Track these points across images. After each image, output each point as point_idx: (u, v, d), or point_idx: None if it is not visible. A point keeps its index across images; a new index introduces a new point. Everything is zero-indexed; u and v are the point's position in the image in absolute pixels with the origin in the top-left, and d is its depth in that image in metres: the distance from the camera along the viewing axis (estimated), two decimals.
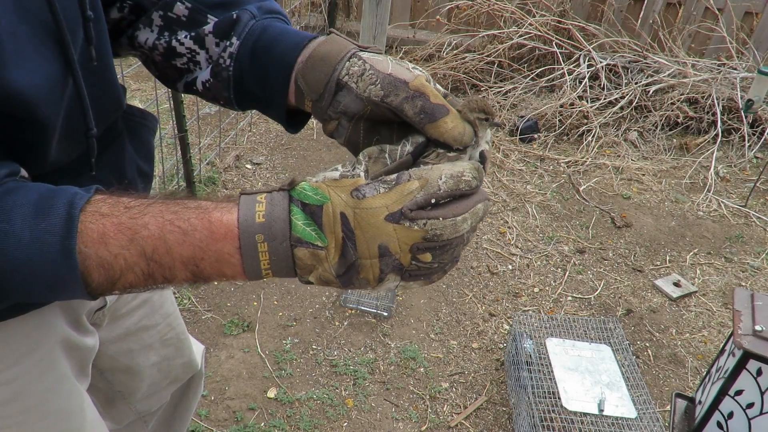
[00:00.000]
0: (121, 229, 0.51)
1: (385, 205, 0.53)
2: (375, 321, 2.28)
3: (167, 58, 0.70)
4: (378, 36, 2.23)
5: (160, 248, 0.52)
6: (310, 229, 0.53)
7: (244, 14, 0.67)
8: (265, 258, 0.54)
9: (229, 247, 0.53)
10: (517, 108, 3.86)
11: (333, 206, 0.53)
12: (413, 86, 0.59)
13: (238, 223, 0.53)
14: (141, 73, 3.88)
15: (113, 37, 0.74)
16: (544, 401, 1.78)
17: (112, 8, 0.70)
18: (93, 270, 0.51)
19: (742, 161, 3.63)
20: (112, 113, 0.71)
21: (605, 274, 2.66)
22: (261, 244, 0.53)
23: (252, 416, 1.87)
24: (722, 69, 3.89)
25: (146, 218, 0.52)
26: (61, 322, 0.74)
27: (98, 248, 0.51)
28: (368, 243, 0.53)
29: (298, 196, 0.54)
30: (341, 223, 0.53)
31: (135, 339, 0.95)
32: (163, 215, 0.53)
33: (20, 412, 0.71)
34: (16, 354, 0.69)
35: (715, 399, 1.37)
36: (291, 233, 0.53)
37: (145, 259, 0.52)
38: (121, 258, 0.52)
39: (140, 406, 1.05)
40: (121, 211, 0.52)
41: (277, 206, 0.54)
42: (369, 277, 0.55)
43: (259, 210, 0.53)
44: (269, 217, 0.53)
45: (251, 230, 0.53)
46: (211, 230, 0.53)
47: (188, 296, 2.29)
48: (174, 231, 0.52)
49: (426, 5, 4.46)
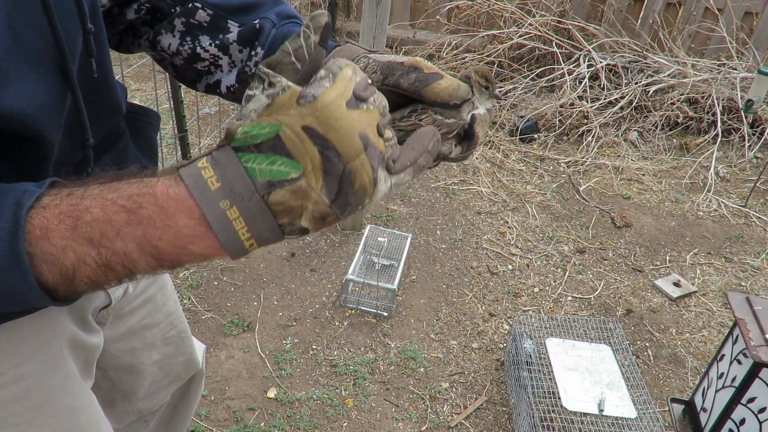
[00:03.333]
0: (62, 219, 0.46)
1: (340, 95, 0.48)
2: (375, 321, 2.28)
3: (189, 62, 0.73)
4: (378, 36, 2.23)
5: (108, 232, 0.46)
6: (277, 166, 0.47)
7: (266, 23, 0.70)
8: (241, 225, 0.47)
9: (185, 220, 0.47)
10: (517, 108, 3.86)
11: (290, 127, 0.47)
12: (408, 63, 0.61)
13: (194, 199, 0.47)
14: (141, 73, 3.89)
15: (129, 36, 0.75)
16: (544, 401, 1.79)
17: (128, 9, 0.72)
18: (44, 269, 0.46)
19: (742, 161, 3.63)
20: (112, 119, 0.71)
21: (605, 274, 2.66)
22: (230, 210, 0.47)
23: (252, 416, 1.87)
24: (722, 69, 3.89)
25: (87, 202, 0.47)
26: (67, 320, 0.75)
27: (42, 244, 0.46)
28: (350, 138, 0.47)
29: (245, 143, 0.47)
30: (309, 138, 0.47)
31: (137, 337, 0.96)
32: (104, 195, 0.47)
33: (28, 410, 0.71)
34: (24, 352, 0.70)
35: (727, 408, 1.37)
36: (255, 182, 0.47)
37: (94, 246, 0.47)
38: (69, 250, 0.46)
39: (141, 405, 1.05)
40: (62, 199, 0.47)
41: (226, 165, 0.47)
42: (364, 182, 0.49)
43: (209, 176, 0.47)
44: (224, 179, 0.47)
45: (212, 200, 0.46)
46: (160, 205, 0.47)
47: (188, 296, 2.29)
48: (118, 211, 0.47)
49: (426, 5, 4.46)
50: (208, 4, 0.71)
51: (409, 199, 3.05)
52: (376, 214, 2.89)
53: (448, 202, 3.05)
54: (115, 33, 0.75)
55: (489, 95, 0.64)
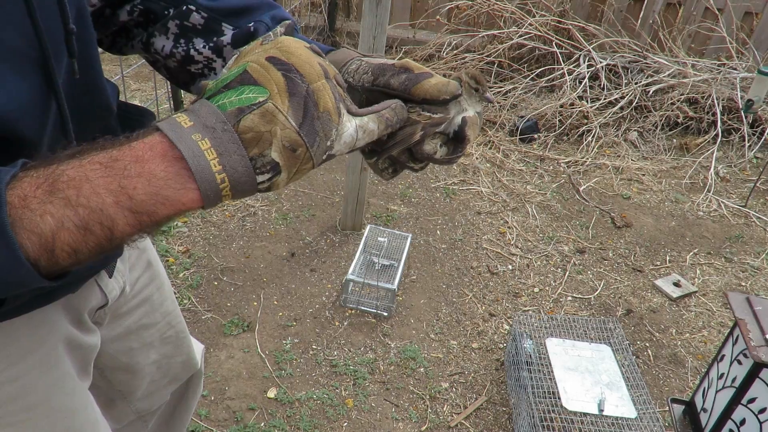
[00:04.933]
0: (39, 185, 0.46)
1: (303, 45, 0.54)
2: (375, 321, 2.28)
3: (183, 64, 0.73)
4: (378, 36, 2.23)
5: (85, 188, 0.46)
6: (245, 94, 0.50)
7: (261, 26, 0.70)
8: (212, 155, 0.48)
9: (160, 164, 0.48)
10: (517, 108, 3.86)
11: (255, 61, 0.51)
12: (398, 65, 0.63)
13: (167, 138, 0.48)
14: (141, 73, 3.89)
15: (122, 37, 0.75)
16: (544, 401, 1.78)
17: (121, 10, 0.72)
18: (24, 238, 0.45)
19: (742, 161, 3.63)
20: (101, 119, 0.71)
21: (605, 274, 2.66)
22: (202, 141, 0.48)
23: (252, 416, 1.87)
24: (722, 69, 3.89)
25: (63, 166, 0.47)
26: (63, 320, 0.75)
27: (21, 212, 0.45)
28: (310, 62, 0.52)
29: (215, 89, 0.51)
30: (273, 65, 0.51)
31: (135, 337, 0.96)
32: (78, 158, 0.48)
33: (24, 410, 0.71)
34: (20, 352, 0.69)
35: (727, 408, 1.36)
36: (226, 113, 0.49)
37: (72, 207, 0.46)
38: (47, 215, 0.46)
39: (140, 405, 1.05)
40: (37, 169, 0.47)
41: (199, 108, 0.50)
42: (328, 105, 0.52)
43: (182, 119, 0.49)
44: (197, 118, 0.49)
45: (185, 134, 0.48)
46: (135, 155, 0.48)
47: (188, 296, 2.29)
48: (94, 168, 0.47)
49: (426, 5, 4.46)
50: (203, 7, 0.71)
51: (409, 199, 3.05)
52: (376, 214, 2.89)
53: (448, 202, 3.05)
54: (108, 34, 0.75)
55: (479, 98, 0.64)
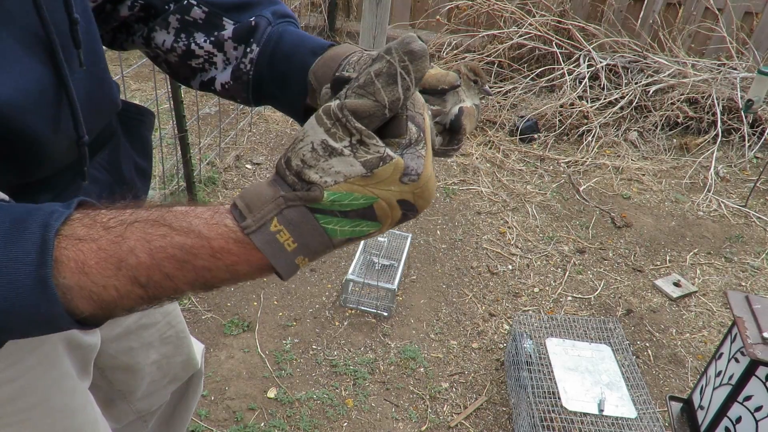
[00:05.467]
0: (102, 257, 0.45)
1: (431, 162, 0.49)
2: (375, 321, 2.27)
3: (184, 59, 0.73)
4: (378, 36, 2.23)
5: (156, 275, 0.46)
6: (360, 227, 0.48)
7: (262, 20, 0.70)
8: (305, 263, 0.50)
9: (248, 268, 0.48)
10: (517, 108, 3.86)
11: (386, 201, 0.47)
12: None
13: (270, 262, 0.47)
14: (141, 73, 3.88)
15: (122, 32, 0.74)
16: (544, 401, 1.78)
17: (122, 5, 0.71)
18: (79, 301, 0.45)
19: (742, 161, 3.63)
20: (108, 115, 0.71)
21: (605, 274, 2.66)
22: (302, 261, 0.49)
23: (252, 416, 1.87)
24: (722, 69, 3.89)
25: (131, 243, 0.45)
26: None
27: (79, 279, 0.44)
28: (430, 201, 0.50)
29: (329, 208, 0.47)
30: (401, 207, 0.48)
31: (135, 337, 0.95)
32: (150, 242, 0.46)
33: (23, 410, 0.71)
34: (20, 352, 0.69)
35: (723, 405, 1.37)
36: (334, 240, 0.48)
37: (141, 286, 0.46)
38: (111, 288, 0.45)
39: (140, 405, 1.05)
40: (100, 233, 0.45)
41: (302, 225, 0.47)
42: None
43: (285, 240, 0.47)
44: (301, 239, 0.47)
45: (289, 260, 0.48)
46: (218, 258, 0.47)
47: (188, 296, 2.29)
48: (168, 258, 0.46)
49: (426, 5, 4.46)
50: (204, 1, 0.70)
51: None
52: None
53: (448, 202, 3.05)
54: (109, 30, 0.75)
55: (478, 90, 0.64)
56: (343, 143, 0.46)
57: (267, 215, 0.47)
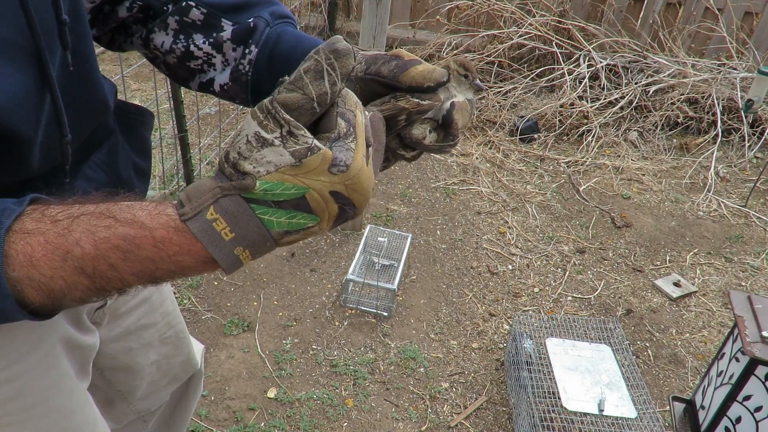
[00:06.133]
0: (49, 249, 0.46)
1: (363, 155, 0.50)
2: (375, 321, 2.27)
3: (182, 61, 0.73)
4: (378, 36, 2.23)
5: (101, 266, 0.47)
6: (296, 219, 0.50)
7: (260, 22, 0.70)
8: (247, 258, 0.50)
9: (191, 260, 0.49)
10: (517, 108, 3.86)
11: (318, 192, 0.49)
12: (390, 53, 0.63)
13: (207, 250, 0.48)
14: (141, 73, 3.88)
15: (121, 33, 0.74)
16: (544, 401, 1.78)
17: (120, 6, 0.71)
18: (29, 293, 0.47)
19: (742, 161, 3.63)
20: (98, 115, 0.70)
21: (605, 274, 2.66)
22: (243, 253, 0.49)
23: (252, 416, 1.87)
24: (722, 69, 3.89)
25: (76, 234, 0.47)
26: (62, 320, 0.74)
27: (28, 271, 0.46)
28: (367, 195, 0.51)
29: (262, 197, 0.49)
30: (335, 199, 0.50)
31: (134, 337, 0.95)
32: (94, 233, 0.47)
33: (22, 410, 0.71)
34: (18, 352, 0.69)
35: (723, 405, 1.37)
36: (271, 231, 0.49)
37: (87, 276, 0.47)
38: (59, 279, 0.47)
39: (140, 405, 1.05)
40: (48, 227, 0.47)
41: (239, 215, 0.48)
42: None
43: (221, 228, 0.48)
44: (238, 229, 0.48)
45: (227, 249, 0.49)
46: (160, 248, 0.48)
47: (188, 296, 2.29)
48: (113, 249, 0.47)
49: (426, 5, 4.46)
50: (202, 3, 0.70)
51: (409, 199, 3.04)
52: (376, 214, 2.89)
53: (448, 202, 3.05)
54: (107, 31, 0.74)
55: (469, 85, 0.64)
56: (274, 134, 0.48)
57: (203, 203, 0.48)
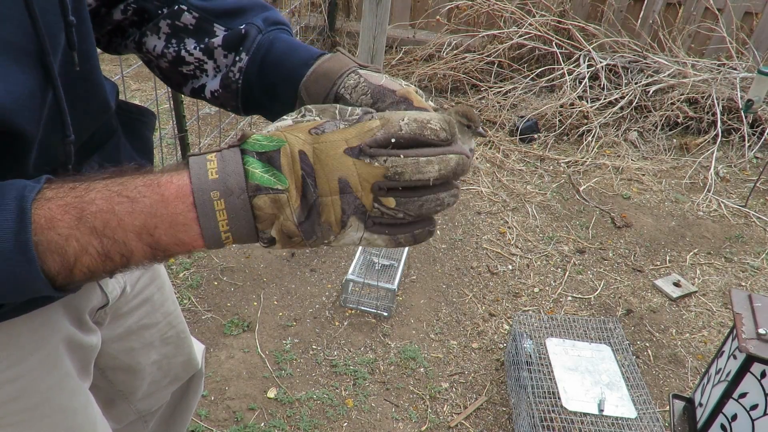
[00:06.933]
0: (67, 210, 0.49)
1: (345, 139, 0.52)
2: (375, 321, 2.28)
3: (174, 65, 0.73)
4: (378, 36, 2.23)
5: (111, 221, 0.49)
6: (268, 175, 0.51)
7: (252, 29, 0.70)
8: (223, 217, 0.51)
9: (181, 206, 0.51)
10: (517, 108, 3.86)
11: (291, 146, 0.52)
12: (400, 93, 0.61)
13: (191, 182, 0.51)
14: (141, 73, 3.89)
15: (117, 36, 0.74)
16: (544, 401, 1.78)
17: (115, 9, 0.71)
18: (48, 258, 0.49)
19: (742, 161, 3.63)
20: (99, 115, 0.70)
21: (605, 274, 2.66)
22: (217, 201, 0.51)
23: (252, 416, 1.87)
24: (722, 69, 3.89)
25: (92, 194, 0.50)
26: (64, 320, 0.75)
27: (48, 233, 0.48)
28: (328, 176, 0.51)
29: (252, 147, 0.52)
30: (300, 161, 0.51)
31: (136, 337, 0.95)
32: (109, 188, 0.50)
33: (24, 410, 0.71)
34: (21, 352, 0.69)
35: (719, 402, 1.37)
36: (248, 183, 0.51)
37: (97, 236, 0.49)
38: (73, 239, 0.49)
39: (141, 405, 1.05)
40: (66, 192, 0.50)
41: (229, 161, 0.52)
42: (330, 220, 0.52)
43: (211, 167, 0.51)
44: (223, 173, 0.51)
45: (205, 187, 0.51)
46: (161, 194, 0.50)
47: (188, 296, 2.29)
48: (122, 201, 0.50)
49: (426, 5, 4.46)
50: (195, 7, 0.70)
51: None
52: None
53: None
54: (104, 33, 0.75)
55: (472, 134, 0.63)
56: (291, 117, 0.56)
57: (210, 152, 0.53)
